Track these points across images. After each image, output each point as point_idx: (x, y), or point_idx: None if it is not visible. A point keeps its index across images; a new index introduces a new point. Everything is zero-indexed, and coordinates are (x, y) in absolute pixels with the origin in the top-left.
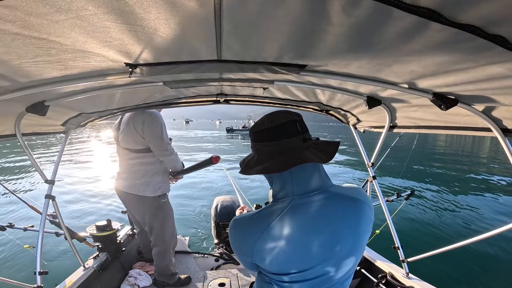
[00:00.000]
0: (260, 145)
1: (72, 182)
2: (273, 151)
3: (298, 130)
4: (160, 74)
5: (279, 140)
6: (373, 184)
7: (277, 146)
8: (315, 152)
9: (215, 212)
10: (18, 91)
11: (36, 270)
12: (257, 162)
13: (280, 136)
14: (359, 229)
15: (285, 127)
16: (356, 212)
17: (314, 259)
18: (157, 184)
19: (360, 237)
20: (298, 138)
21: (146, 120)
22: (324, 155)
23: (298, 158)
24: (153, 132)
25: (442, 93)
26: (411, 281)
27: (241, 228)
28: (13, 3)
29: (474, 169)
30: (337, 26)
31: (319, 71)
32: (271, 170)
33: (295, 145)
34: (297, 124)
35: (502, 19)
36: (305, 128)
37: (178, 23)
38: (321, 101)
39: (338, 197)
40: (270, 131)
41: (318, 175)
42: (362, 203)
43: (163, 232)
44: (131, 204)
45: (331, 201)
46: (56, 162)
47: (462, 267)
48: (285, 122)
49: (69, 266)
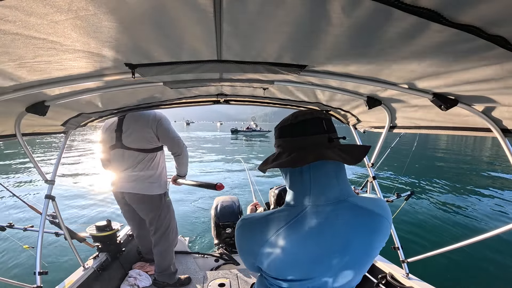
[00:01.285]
0: (281, 141)
1: (72, 182)
2: (294, 146)
3: (324, 129)
4: (160, 74)
5: (301, 136)
6: (373, 185)
7: (298, 142)
8: (340, 153)
9: (215, 212)
10: (18, 91)
11: (36, 270)
12: (276, 157)
13: (303, 132)
14: (373, 244)
15: (309, 124)
16: (372, 227)
17: (318, 270)
18: (163, 181)
19: (372, 252)
20: (323, 137)
21: (158, 119)
22: (349, 156)
23: (319, 155)
24: (168, 130)
25: (442, 93)
26: (411, 281)
27: (249, 229)
28: (13, 3)
29: (475, 169)
30: (337, 27)
31: (319, 71)
32: (287, 165)
33: (318, 142)
34: (323, 122)
35: (502, 19)
36: (333, 128)
37: (178, 23)
38: (321, 101)
39: (356, 210)
40: (292, 126)
41: (340, 183)
42: (381, 218)
43: (168, 230)
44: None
45: (348, 213)
46: (56, 162)
47: (462, 267)
48: (310, 119)
49: (69, 266)
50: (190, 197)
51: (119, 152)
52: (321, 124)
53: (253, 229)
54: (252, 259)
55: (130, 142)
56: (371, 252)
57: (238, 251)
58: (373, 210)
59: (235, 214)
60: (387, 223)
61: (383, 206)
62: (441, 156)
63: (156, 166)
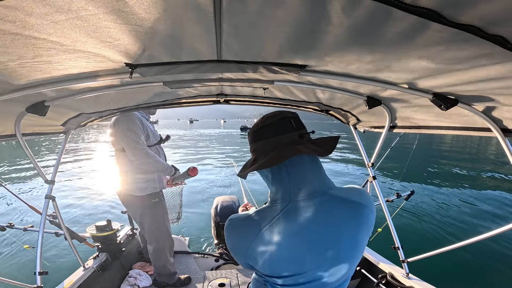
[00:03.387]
0: (256, 145)
1: (72, 182)
2: (268, 148)
3: (293, 127)
4: (160, 74)
5: (273, 137)
6: (373, 184)
7: (271, 142)
8: (313, 146)
9: (215, 212)
10: (18, 91)
11: (36, 270)
12: (254, 161)
13: (274, 133)
14: (358, 234)
15: (279, 124)
16: (355, 216)
17: (308, 264)
18: (143, 183)
19: (359, 242)
20: (294, 134)
21: (118, 119)
22: (321, 149)
23: (295, 150)
24: (122, 132)
25: (442, 93)
26: (411, 281)
27: (236, 229)
28: (13, 3)
29: (478, 168)
30: (337, 26)
31: (319, 71)
32: (266, 165)
33: (290, 140)
34: (291, 120)
35: (502, 19)
36: (301, 125)
37: (178, 23)
38: (321, 101)
39: (337, 200)
40: (263, 129)
41: (318, 176)
42: (363, 207)
43: (154, 231)
44: (125, 203)
45: (330, 205)
46: (56, 163)
47: (463, 267)
48: (279, 119)
49: (69, 266)
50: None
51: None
52: (289, 123)
53: (239, 228)
54: (243, 258)
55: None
56: (359, 242)
57: (230, 250)
58: (354, 200)
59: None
60: (368, 210)
61: (364, 195)
62: (445, 155)
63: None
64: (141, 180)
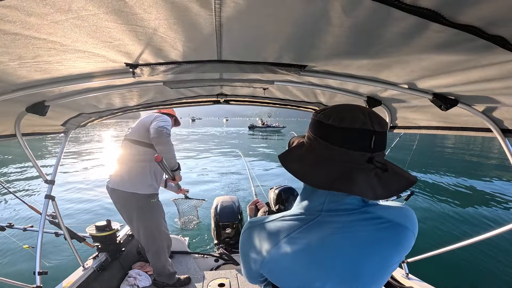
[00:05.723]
0: (313, 139)
1: (72, 182)
2: (322, 155)
3: (369, 147)
4: (160, 74)
5: (339, 148)
6: None
7: (329, 151)
8: (373, 180)
9: (215, 212)
10: (18, 91)
11: (36, 270)
12: (299, 157)
13: (342, 142)
14: (391, 259)
15: (354, 135)
16: (395, 242)
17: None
18: (149, 182)
19: (389, 268)
20: (363, 155)
21: (157, 117)
22: (382, 190)
23: (346, 181)
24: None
25: (442, 94)
26: (411, 281)
27: (256, 233)
28: (13, 3)
29: (478, 168)
30: (337, 27)
31: (319, 71)
32: (306, 178)
33: (353, 161)
34: (373, 137)
35: (502, 19)
36: (381, 146)
37: (178, 23)
38: (321, 102)
39: (378, 221)
40: (332, 130)
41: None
42: (406, 231)
43: (154, 232)
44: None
45: (367, 224)
46: (56, 162)
47: (462, 267)
48: (358, 129)
49: (68, 266)
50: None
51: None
52: (370, 139)
53: (260, 234)
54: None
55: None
56: (390, 267)
57: (241, 256)
58: (398, 222)
59: (235, 214)
60: (412, 236)
61: (410, 216)
62: (446, 156)
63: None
64: (149, 178)
